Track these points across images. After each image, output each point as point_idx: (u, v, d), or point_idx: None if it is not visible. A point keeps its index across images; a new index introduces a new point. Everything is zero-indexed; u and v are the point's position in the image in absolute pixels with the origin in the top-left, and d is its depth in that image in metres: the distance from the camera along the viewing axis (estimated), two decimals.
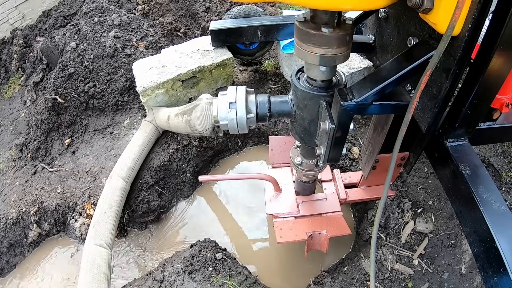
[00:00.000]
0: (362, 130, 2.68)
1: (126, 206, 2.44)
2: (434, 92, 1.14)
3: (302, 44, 1.13)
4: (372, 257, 1.21)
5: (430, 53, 1.06)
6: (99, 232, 2.07)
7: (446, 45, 0.86)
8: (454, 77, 1.06)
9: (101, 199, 2.25)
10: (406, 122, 1.02)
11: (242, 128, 1.44)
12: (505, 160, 2.43)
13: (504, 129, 1.55)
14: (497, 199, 1.26)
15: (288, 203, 2.04)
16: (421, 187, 2.28)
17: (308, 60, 1.16)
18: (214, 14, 3.56)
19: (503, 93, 1.38)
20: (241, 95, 1.42)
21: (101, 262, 1.94)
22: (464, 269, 1.97)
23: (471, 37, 0.97)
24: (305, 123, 1.42)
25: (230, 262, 2.10)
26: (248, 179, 2.71)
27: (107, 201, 2.22)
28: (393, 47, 1.42)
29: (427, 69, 0.92)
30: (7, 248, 2.57)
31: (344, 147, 1.33)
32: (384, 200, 1.19)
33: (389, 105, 1.20)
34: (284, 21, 2.56)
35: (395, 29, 1.38)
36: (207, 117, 1.86)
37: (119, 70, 2.95)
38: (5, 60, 3.94)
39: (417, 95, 0.97)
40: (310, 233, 1.87)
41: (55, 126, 2.88)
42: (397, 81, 1.11)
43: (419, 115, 1.27)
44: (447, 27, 0.83)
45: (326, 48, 1.08)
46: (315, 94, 1.29)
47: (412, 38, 1.22)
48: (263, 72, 3.15)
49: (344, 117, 1.16)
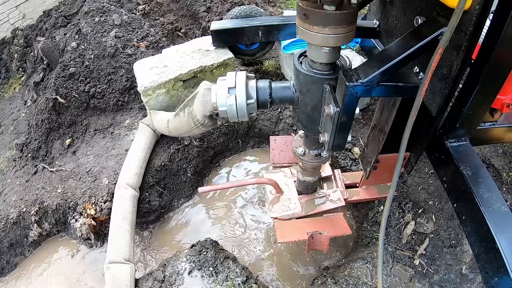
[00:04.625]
0: (362, 130, 2.68)
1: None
2: (445, 71, 1.11)
3: (304, 24, 1.10)
4: (379, 257, 1.21)
5: (439, 30, 1.03)
6: (117, 249, 2.06)
7: (458, 18, 0.82)
8: (465, 54, 1.03)
9: (113, 211, 2.23)
10: (417, 106, 0.98)
11: (242, 115, 1.38)
12: (506, 160, 2.43)
13: (505, 129, 1.55)
14: (497, 200, 1.26)
15: (291, 204, 2.03)
16: (421, 188, 2.28)
17: (311, 40, 1.13)
18: (214, 14, 3.56)
19: (503, 94, 1.39)
20: (241, 80, 1.36)
21: (125, 276, 1.96)
22: (465, 269, 1.97)
23: (482, 10, 0.94)
24: (308, 109, 1.37)
25: (230, 262, 2.10)
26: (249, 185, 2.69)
27: (120, 214, 2.21)
28: (399, 29, 1.39)
29: (438, 46, 0.88)
30: (7, 248, 2.57)
31: (349, 134, 1.28)
32: (390, 201, 1.17)
33: (396, 86, 1.14)
34: (285, 21, 2.56)
35: (400, 11, 1.35)
36: (206, 104, 1.74)
37: (119, 70, 2.96)
38: (5, 60, 3.94)
39: (429, 75, 0.92)
40: (310, 233, 1.87)
41: (56, 126, 2.88)
42: (405, 60, 1.07)
43: (429, 98, 1.24)
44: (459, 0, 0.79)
45: (330, 28, 1.05)
46: (319, 77, 1.24)
47: (420, 17, 1.19)
48: (264, 72, 3.15)
49: (350, 99, 1.11)
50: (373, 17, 1.61)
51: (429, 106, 1.26)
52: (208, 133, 2.81)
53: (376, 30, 1.60)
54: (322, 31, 1.07)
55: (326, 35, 1.07)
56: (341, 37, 1.08)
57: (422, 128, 1.45)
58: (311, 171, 1.89)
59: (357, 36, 1.29)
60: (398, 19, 1.39)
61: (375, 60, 1.15)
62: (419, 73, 1.23)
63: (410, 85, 1.14)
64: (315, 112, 1.36)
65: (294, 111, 1.50)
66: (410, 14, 1.28)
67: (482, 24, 0.99)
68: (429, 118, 1.35)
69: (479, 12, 0.94)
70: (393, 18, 1.43)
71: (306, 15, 1.07)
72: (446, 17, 1.04)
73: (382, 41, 1.61)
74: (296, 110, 1.46)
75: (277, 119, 2.95)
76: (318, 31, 1.07)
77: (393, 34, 1.45)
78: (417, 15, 1.21)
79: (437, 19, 1.09)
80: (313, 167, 1.85)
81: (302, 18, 1.10)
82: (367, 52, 1.99)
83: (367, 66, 1.12)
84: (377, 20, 1.58)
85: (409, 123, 1.03)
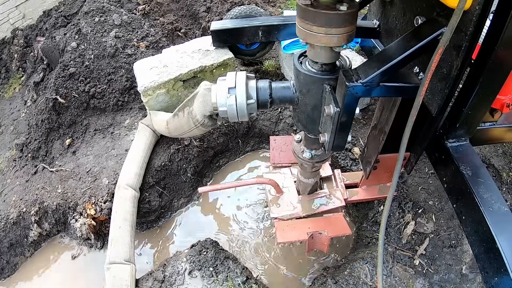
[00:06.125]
0: (362, 130, 2.68)
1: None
2: (445, 71, 1.11)
3: (304, 24, 1.10)
4: (379, 257, 1.21)
5: (439, 30, 1.03)
6: (118, 250, 2.06)
7: (459, 18, 0.82)
8: (465, 55, 1.03)
9: (113, 212, 2.23)
10: (417, 106, 0.99)
11: (242, 115, 1.38)
12: (506, 160, 2.43)
13: (505, 129, 1.55)
14: (497, 200, 1.27)
15: (292, 205, 2.03)
16: (421, 188, 2.28)
17: (311, 41, 1.13)
18: (214, 14, 3.56)
19: (503, 94, 1.39)
20: (241, 80, 1.36)
21: (126, 277, 1.96)
22: (465, 269, 1.97)
23: (482, 10, 0.94)
24: (308, 109, 1.37)
25: (230, 262, 2.10)
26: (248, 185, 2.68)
27: (120, 214, 2.21)
28: (399, 29, 1.39)
29: (438, 46, 0.88)
30: (7, 248, 2.57)
31: (349, 134, 1.28)
32: (390, 201, 1.17)
33: (396, 87, 1.14)
34: (285, 21, 2.56)
35: (400, 11, 1.36)
36: (206, 104, 1.75)
37: (119, 70, 2.96)
38: (5, 60, 3.94)
39: (429, 75, 0.93)
40: (310, 233, 1.87)
41: (56, 126, 2.88)
42: (405, 60, 1.07)
43: (429, 98, 1.24)
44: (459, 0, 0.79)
45: (330, 28, 1.05)
46: (319, 77, 1.24)
47: (420, 17, 1.19)
48: (264, 72, 3.15)
49: (350, 99, 1.11)
50: (373, 17, 1.61)
51: (429, 106, 1.26)
52: (208, 133, 2.81)
53: (376, 30, 1.60)
54: (322, 31, 1.07)
55: (326, 35, 1.07)
56: (341, 37, 1.08)
57: (422, 128, 1.45)
58: (310, 171, 1.89)
59: (357, 36, 1.29)
60: (398, 19, 1.39)
61: (375, 60, 1.15)
62: (419, 73, 1.23)
63: (410, 85, 1.14)
64: (315, 112, 1.36)
65: (294, 111, 1.50)
66: (410, 14, 1.29)
67: (482, 24, 0.99)
68: (429, 118, 1.35)
69: (479, 12, 0.94)
70: (393, 18, 1.43)
71: (307, 16, 1.07)
72: (446, 17, 1.04)
73: (382, 41, 1.61)
74: (296, 110, 1.46)
75: (277, 119, 2.95)
76: (318, 31, 1.07)
77: (393, 34, 1.45)
78: (417, 15, 1.21)
79: (437, 19, 1.09)
80: (312, 167, 1.85)
81: (302, 18, 1.10)
82: (367, 52, 1.99)
83: (367, 66, 1.12)
84: (377, 20, 1.58)
85: (409, 123, 1.03)
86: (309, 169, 1.85)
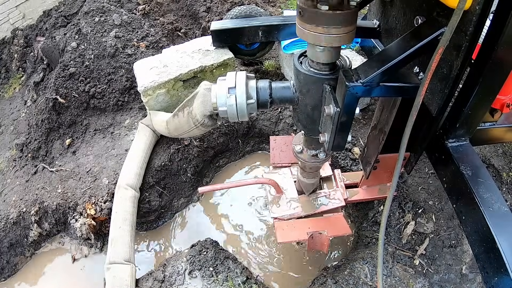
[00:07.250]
0: (362, 130, 2.68)
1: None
2: (445, 71, 1.11)
3: (305, 24, 1.10)
4: (379, 257, 1.21)
5: (439, 30, 1.03)
6: (118, 250, 2.06)
7: (459, 18, 0.82)
8: (465, 55, 1.03)
9: (113, 212, 2.23)
10: (417, 106, 0.99)
11: (242, 115, 1.38)
12: (506, 160, 2.43)
13: (505, 129, 1.55)
14: (497, 200, 1.27)
15: (291, 204, 2.03)
16: (421, 188, 2.28)
17: (311, 40, 1.13)
18: (215, 14, 3.56)
19: (503, 94, 1.39)
20: (241, 80, 1.36)
21: (126, 277, 1.97)
22: (465, 269, 1.97)
23: (482, 10, 0.94)
24: (308, 109, 1.37)
25: (230, 262, 2.10)
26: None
27: (120, 214, 2.21)
28: (399, 29, 1.39)
29: (438, 46, 0.88)
30: (7, 248, 2.57)
31: (349, 134, 1.28)
32: (390, 201, 1.18)
33: (396, 87, 1.14)
34: (285, 21, 2.56)
35: (400, 11, 1.36)
36: (206, 104, 1.75)
37: (119, 70, 2.96)
38: (5, 60, 3.95)
39: (429, 75, 0.93)
40: (310, 233, 1.87)
41: (56, 126, 2.88)
42: (405, 60, 1.07)
43: (429, 98, 1.24)
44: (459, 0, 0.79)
45: (330, 28, 1.05)
46: (319, 77, 1.24)
47: (420, 17, 1.19)
48: (264, 72, 3.15)
49: (350, 99, 1.11)
50: (373, 17, 1.61)
51: (429, 106, 1.26)
52: (208, 133, 2.81)
53: (376, 30, 1.60)
54: (322, 31, 1.07)
55: (327, 35, 1.07)
56: (341, 37, 1.08)
57: (422, 128, 1.45)
58: (310, 171, 1.89)
59: (357, 36, 1.29)
60: (398, 19, 1.39)
61: (375, 60, 1.15)
62: (419, 73, 1.23)
63: (410, 85, 1.13)
64: (315, 112, 1.36)
65: (294, 111, 1.50)
66: (410, 14, 1.29)
67: (482, 24, 0.99)
68: (429, 118, 1.35)
69: (479, 12, 0.94)
70: (393, 18, 1.43)
71: (307, 15, 1.07)
72: (446, 17, 1.04)
73: (382, 41, 1.61)
74: (296, 110, 1.46)
75: (277, 119, 2.95)
76: (318, 31, 1.07)
77: (393, 34, 1.45)
78: (417, 15, 1.21)
79: (437, 19, 1.09)
80: (312, 167, 1.85)
81: (302, 17, 1.09)
82: (367, 52, 1.99)
83: (367, 66, 1.12)
84: (377, 20, 1.58)
85: (409, 123, 1.04)
86: (309, 169, 1.85)
